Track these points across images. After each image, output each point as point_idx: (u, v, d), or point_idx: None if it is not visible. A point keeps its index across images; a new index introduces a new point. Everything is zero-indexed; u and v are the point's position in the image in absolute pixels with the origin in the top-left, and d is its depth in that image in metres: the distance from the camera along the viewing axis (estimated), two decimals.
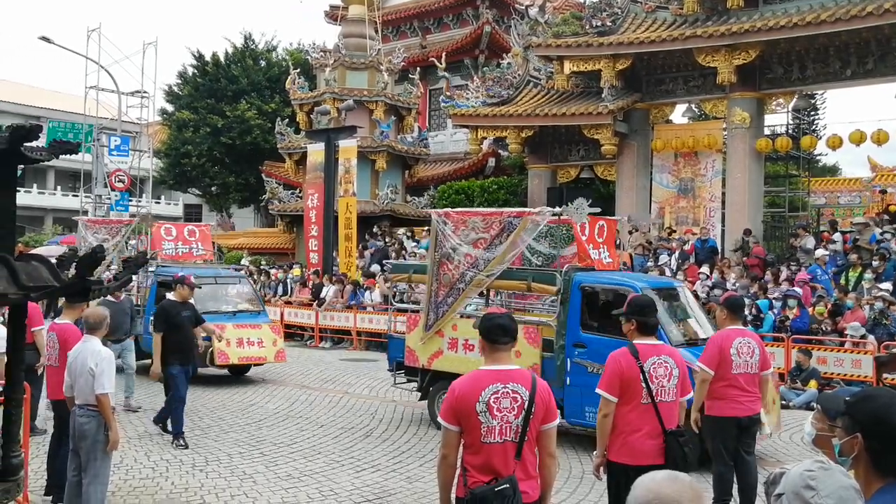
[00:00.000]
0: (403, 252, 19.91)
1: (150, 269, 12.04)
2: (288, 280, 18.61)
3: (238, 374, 11.87)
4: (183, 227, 13.42)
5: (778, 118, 18.41)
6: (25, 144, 3.12)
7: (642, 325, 4.37)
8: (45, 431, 7.88)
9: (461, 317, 8.46)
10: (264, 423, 8.82)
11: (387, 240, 21.18)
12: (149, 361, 11.79)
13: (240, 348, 11.05)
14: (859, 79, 15.20)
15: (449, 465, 3.39)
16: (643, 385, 4.19)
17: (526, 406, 3.30)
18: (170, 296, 8.43)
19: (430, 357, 8.58)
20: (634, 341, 4.34)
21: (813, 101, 23.23)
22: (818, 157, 28.50)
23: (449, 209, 9.11)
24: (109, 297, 9.30)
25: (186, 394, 7.97)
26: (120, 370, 9.22)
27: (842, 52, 15.06)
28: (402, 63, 24.12)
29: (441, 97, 21.23)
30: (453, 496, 3.43)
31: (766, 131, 17.19)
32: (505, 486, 3.24)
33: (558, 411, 3.63)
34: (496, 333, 3.39)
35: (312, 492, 6.33)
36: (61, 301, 5.71)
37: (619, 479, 4.29)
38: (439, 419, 3.43)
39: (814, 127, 25.39)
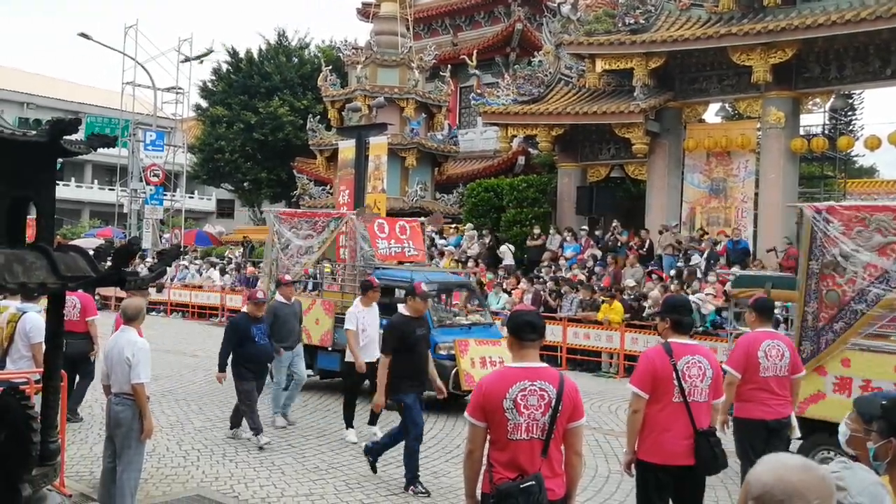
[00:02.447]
0: (433, 249, 19.96)
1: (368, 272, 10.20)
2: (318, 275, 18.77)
3: (453, 400, 9.29)
4: (394, 223, 11.39)
5: (814, 118, 18.08)
6: (65, 138, 3.22)
7: (677, 323, 4.35)
8: (82, 419, 8.09)
9: (856, 349, 6.21)
10: (293, 415, 8.92)
11: None
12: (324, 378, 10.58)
13: (483, 369, 9.09)
14: None
15: (475, 460, 3.41)
16: (675, 383, 4.16)
17: (553, 404, 3.31)
18: (402, 309, 6.78)
19: (805, 400, 6.25)
20: (669, 340, 4.33)
21: (850, 101, 22.74)
22: (855, 158, 27.92)
23: (832, 203, 6.79)
24: (281, 299, 8.64)
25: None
26: (290, 378, 8.50)
27: (882, 51, 14.72)
28: (434, 60, 24.17)
29: (472, 95, 21.23)
30: (478, 491, 3.45)
31: (802, 131, 16.89)
32: (531, 483, 3.24)
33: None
34: (524, 330, 3.40)
35: (339, 484, 6.40)
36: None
37: (648, 478, 4.26)
38: (465, 415, 3.45)
39: (851, 127, 24.86)
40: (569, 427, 3.39)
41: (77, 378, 8.11)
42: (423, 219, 12.54)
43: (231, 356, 7.64)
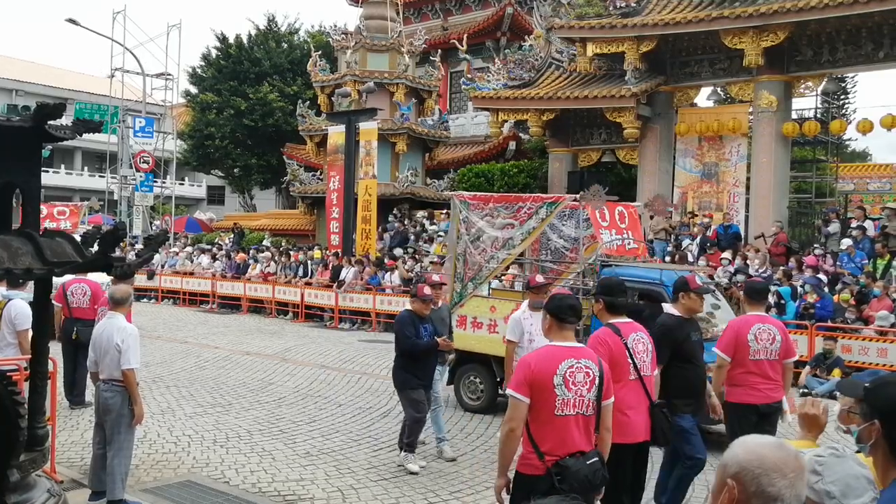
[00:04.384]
0: (424, 234, 19.94)
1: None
2: (308, 262, 18.76)
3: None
4: (613, 209, 9.05)
5: (806, 101, 18.10)
6: (50, 123, 3.17)
7: (610, 304, 4.45)
8: (91, 404, 8.02)
9: None
10: (284, 401, 8.94)
11: (406, 222, 21.24)
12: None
13: None
14: (892, 61, 14.84)
15: (516, 437, 3.50)
16: (630, 361, 4.28)
17: (597, 381, 3.52)
18: (669, 309, 5.58)
19: None
20: (611, 321, 4.42)
21: (843, 85, 22.79)
22: (847, 142, 28.00)
23: None
24: None
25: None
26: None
27: (875, 34, 14.72)
28: (424, 45, 24.00)
29: (462, 80, 21.13)
30: (511, 472, 3.55)
31: (794, 115, 16.90)
32: (594, 459, 3.44)
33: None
34: (566, 312, 3.60)
35: (330, 469, 6.42)
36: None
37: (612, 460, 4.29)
38: (509, 391, 3.53)
39: (843, 111, 24.92)
40: (604, 404, 3.60)
41: (78, 365, 8.06)
42: (638, 203, 10.61)
43: (395, 359, 6.59)
